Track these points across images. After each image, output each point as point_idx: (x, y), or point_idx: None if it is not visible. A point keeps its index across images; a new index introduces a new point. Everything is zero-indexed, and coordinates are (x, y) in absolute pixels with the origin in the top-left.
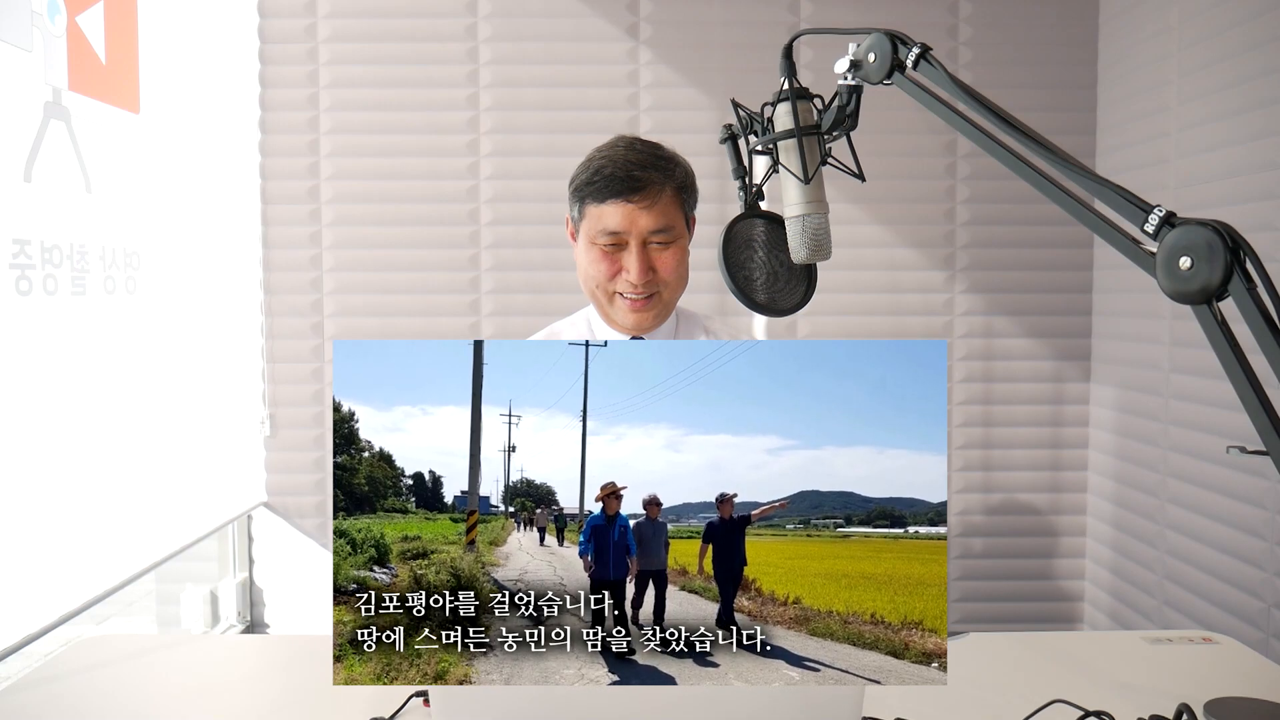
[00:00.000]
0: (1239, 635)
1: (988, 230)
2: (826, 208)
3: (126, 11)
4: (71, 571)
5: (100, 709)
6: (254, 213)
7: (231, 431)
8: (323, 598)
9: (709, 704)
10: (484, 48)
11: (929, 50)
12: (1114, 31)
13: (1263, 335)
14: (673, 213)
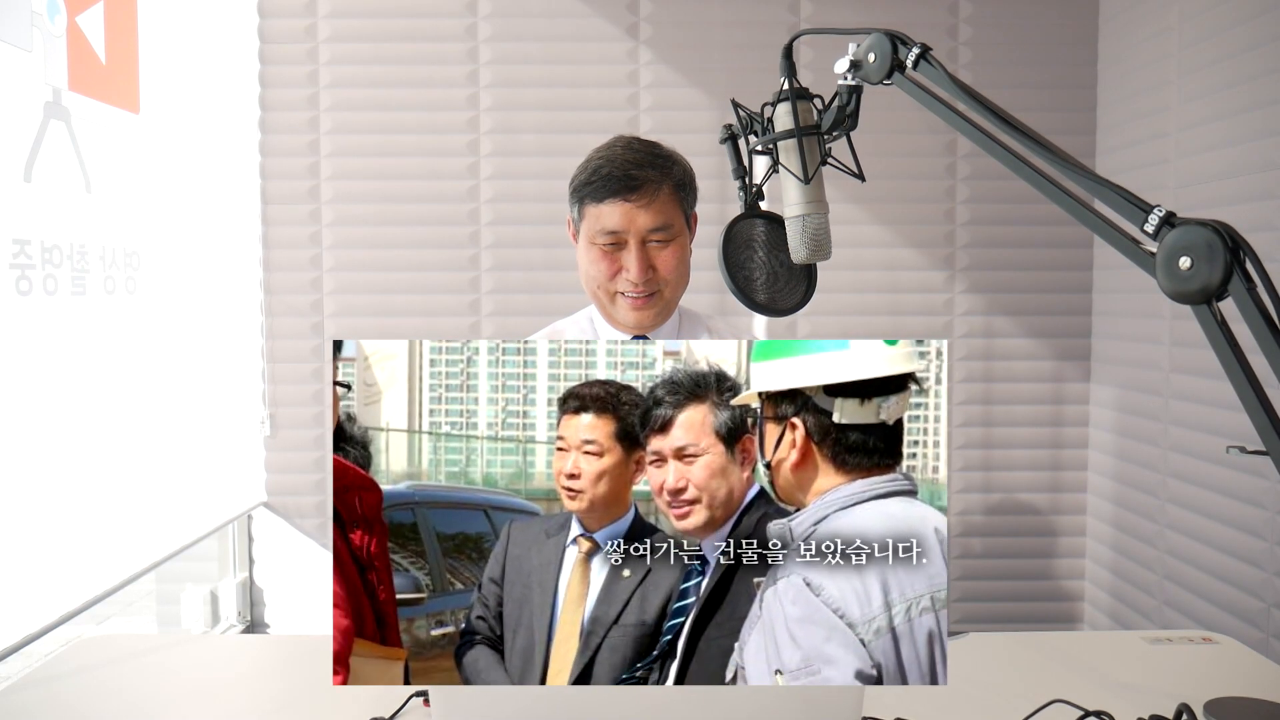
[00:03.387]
0: (1239, 635)
1: (988, 230)
2: (826, 208)
3: (126, 11)
4: (71, 571)
5: (100, 709)
6: (254, 213)
7: (231, 431)
8: (323, 598)
9: (709, 704)
10: (484, 48)
11: (929, 50)
12: (1114, 31)
13: (1263, 335)
14: (671, 211)
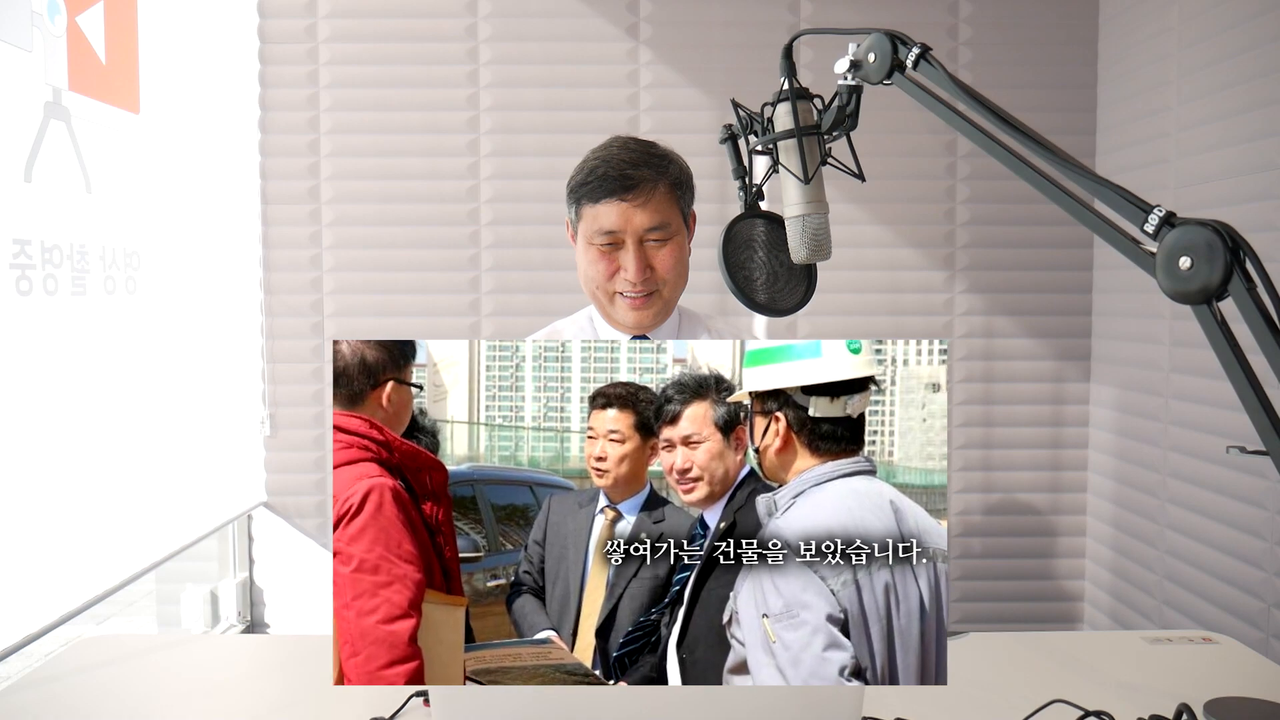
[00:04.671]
0: (1239, 635)
1: (988, 230)
2: (826, 208)
3: (126, 11)
4: (71, 571)
5: (100, 709)
6: (254, 213)
7: (231, 431)
8: (323, 598)
9: (709, 704)
10: (484, 48)
11: (929, 50)
12: (1114, 31)
13: (1263, 335)
14: (668, 209)
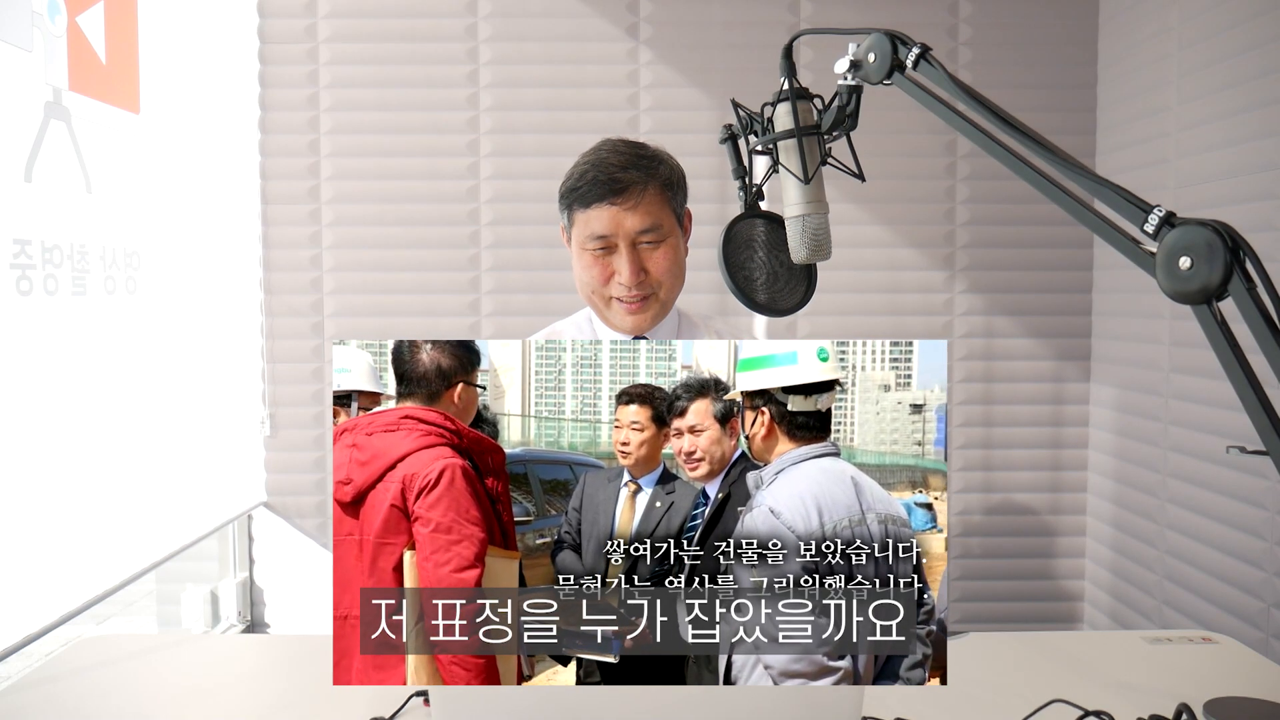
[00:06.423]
0: (1239, 635)
1: (988, 230)
2: (826, 208)
3: (126, 11)
4: (71, 571)
5: (100, 709)
6: (254, 213)
7: (231, 431)
8: (323, 598)
9: (709, 704)
10: (484, 48)
11: (929, 50)
12: (1114, 31)
13: (1263, 335)
14: (659, 211)
